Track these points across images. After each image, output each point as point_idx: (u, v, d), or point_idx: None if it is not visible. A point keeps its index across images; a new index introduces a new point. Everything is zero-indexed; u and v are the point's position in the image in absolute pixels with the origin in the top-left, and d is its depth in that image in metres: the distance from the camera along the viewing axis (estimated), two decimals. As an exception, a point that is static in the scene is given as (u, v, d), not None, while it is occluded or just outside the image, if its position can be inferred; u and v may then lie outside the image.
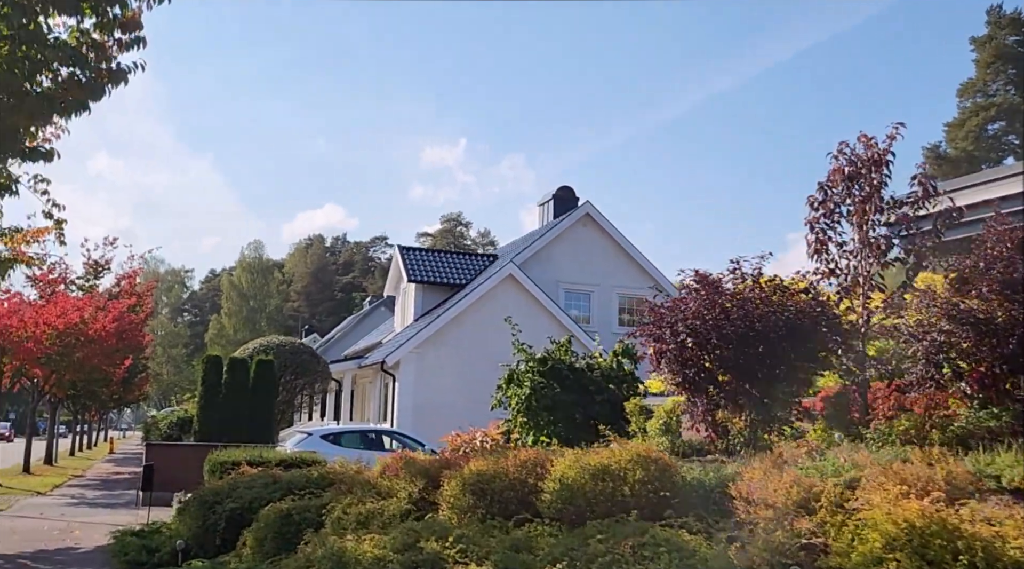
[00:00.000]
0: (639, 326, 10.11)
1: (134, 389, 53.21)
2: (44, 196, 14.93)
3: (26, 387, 33.31)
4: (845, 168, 9.02)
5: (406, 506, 8.12)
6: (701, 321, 9.21)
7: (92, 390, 40.59)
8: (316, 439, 20.48)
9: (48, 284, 31.42)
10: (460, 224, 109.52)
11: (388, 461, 12.19)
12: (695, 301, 9.33)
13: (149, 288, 41.60)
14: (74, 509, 19.68)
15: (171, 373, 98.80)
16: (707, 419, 9.37)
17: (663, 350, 9.61)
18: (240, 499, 10.44)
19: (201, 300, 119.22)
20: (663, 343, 9.52)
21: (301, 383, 30.54)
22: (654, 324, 9.72)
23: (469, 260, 36.10)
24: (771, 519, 5.37)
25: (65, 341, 26.62)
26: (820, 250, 9.26)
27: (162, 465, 19.31)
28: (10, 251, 15.81)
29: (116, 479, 30.40)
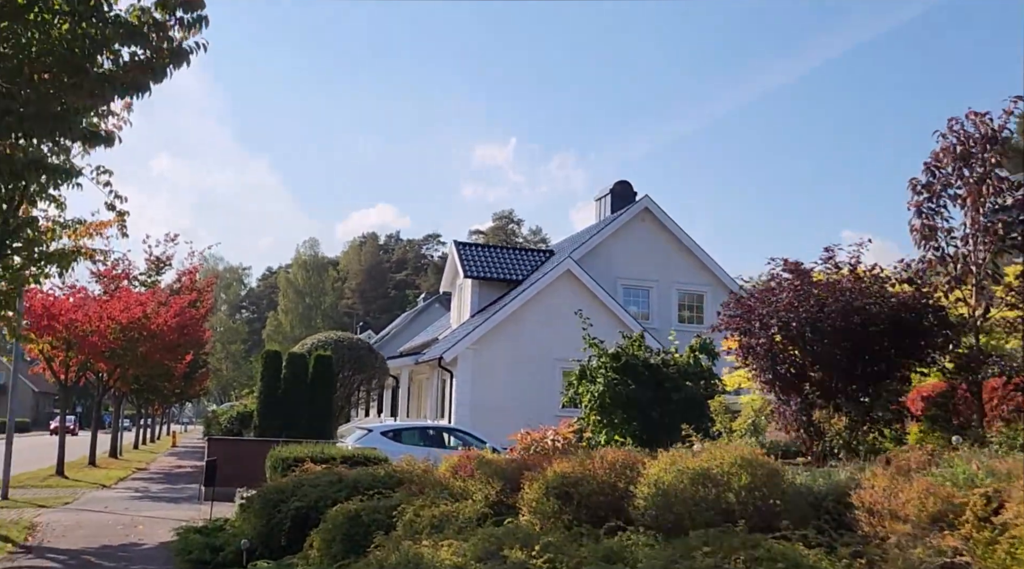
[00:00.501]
0: (723, 319, 9.50)
1: (195, 384, 53.89)
2: (106, 188, 14.80)
3: (91, 381, 33.71)
4: (956, 147, 8.30)
5: (482, 509, 7.64)
6: (794, 314, 8.58)
7: (155, 384, 41.06)
8: (376, 435, 20.19)
9: (112, 280, 31.74)
10: (512, 221, 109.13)
11: (455, 460, 11.76)
12: (788, 292, 8.69)
13: (209, 284, 41.91)
14: (138, 503, 19.66)
15: (230, 369, 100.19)
16: (800, 419, 8.73)
17: (751, 345, 8.99)
18: (305, 498, 10.09)
19: (258, 297, 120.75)
20: (752, 337, 8.91)
21: (359, 379, 30.36)
22: (742, 317, 9.11)
23: (525, 256, 35.60)
24: (907, 534, 4.76)
25: (128, 335, 26.75)
26: (928, 236, 8.56)
27: (224, 460, 19.18)
28: (73, 244, 15.71)
29: (179, 473, 30.58)
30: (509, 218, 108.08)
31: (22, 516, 16.09)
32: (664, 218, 31.44)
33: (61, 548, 12.38)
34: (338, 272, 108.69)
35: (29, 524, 14.72)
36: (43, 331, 24.35)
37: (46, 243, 15.03)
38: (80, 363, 27.39)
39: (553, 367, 28.13)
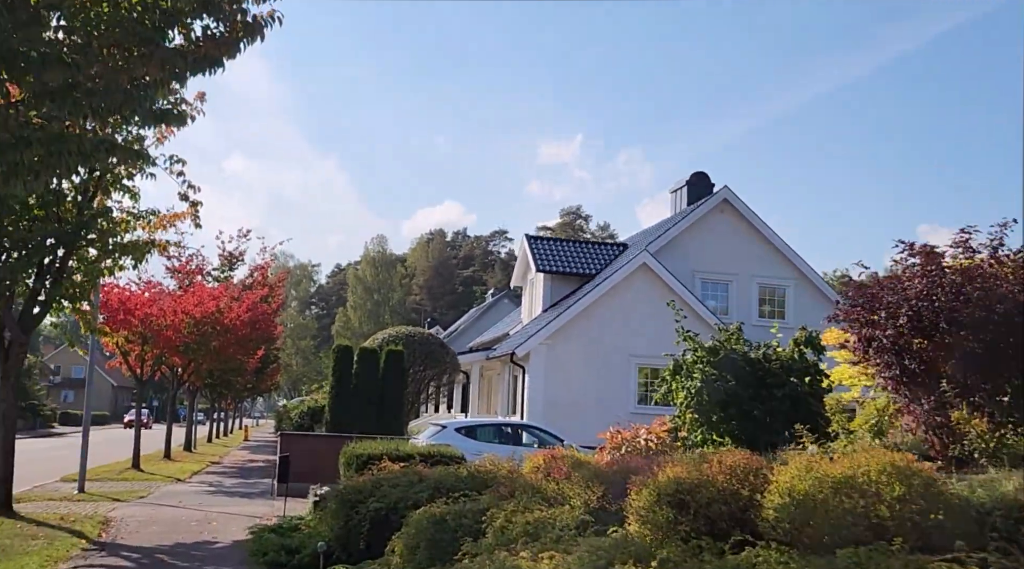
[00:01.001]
0: (843, 308, 8.61)
1: (266, 379, 54.39)
2: (180, 177, 14.58)
3: (166, 376, 34.02)
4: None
5: (581, 516, 6.93)
6: (927, 302, 7.66)
7: (227, 379, 41.39)
8: (450, 432, 19.64)
9: (186, 275, 31.91)
10: (579, 217, 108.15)
11: (540, 460, 11.09)
12: (921, 279, 7.77)
13: (280, 279, 42.10)
14: (211, 498, 19.47)
15: (300, 364, 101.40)
16: (934, 420, 7.80)
17: (874, 337, 8.09)
18: (384, 499, 9.51)
19: (327, 294, 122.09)
20: (876, 328, 8.01)
21: (429, 374, 29.95)
22: (863, 306, 8.21)
23: (597, 250, 34.71)
24: None
25: (202, 329, 26.77)
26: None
27: (296, 455, 18.87)
28: (147, 235, 15.52)
29: (251, 467, 30.58)
30: (577, 214, 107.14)
31: (97, 510, 15.95)
32: (744, 209, 30.24)
33: (134, 545, 12.07)
34: (406, 269, 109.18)
35: (103, 519, 14.52)
36: (119, 325, 24.44)
37: (120, 234, 14.81)
38: (155, 357, 27.52)
39: (628, 363, 27.31)
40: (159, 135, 15.01)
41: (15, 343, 14.08)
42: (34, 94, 7.38)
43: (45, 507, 16.20)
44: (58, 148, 7.45)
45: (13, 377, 14.14)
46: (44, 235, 13.52)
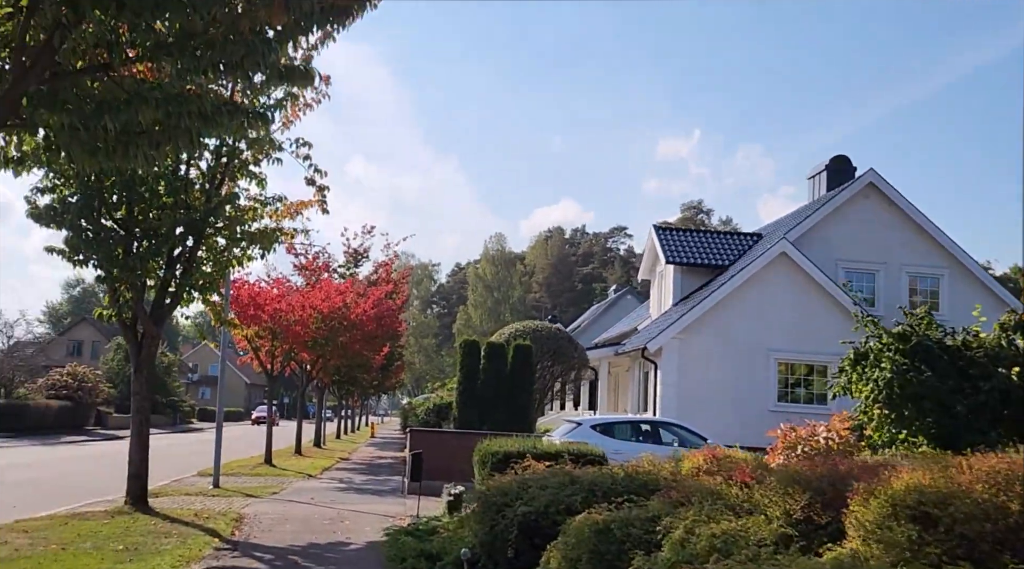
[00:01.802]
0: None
1: (391, 376, 54.71)
2: (306, 161, 14.05)
3: (296, 372, 34.28)
4: None
5: (782, 529, 5.76)
6: None
7: (354, 376, 41.58)
8: (586, 429, 18.60)
9: (313, 272, 31.95)
10: (701, 211, 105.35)
11: (699, 461, 9.93)
12: None
13: (404, 276, 42.02)
14: (342, 495, 19.05)
15: (423, 362, 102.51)
16: None
17: None
18: (533, 502, 8.53)
19: (448, 292, 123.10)
20: None
21: (558, 370, 29.02)
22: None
23: (730, 240, 32.97)
24: None
25: (329, 325, 26.62)
26: None
27: (427, 452, 18.23)
28: (274, 224, 15.10)
29: (380, 463, 30.36)
30: (698, 208, 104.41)
31: (231, 506, 15.65)
32: (892, 193, 27.96)
33: (267, 545, 11.53)
34: (525, 266, 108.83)
35: (237, 516, 14.15)
36: (249, 320, 24.49)
37: (248, 222, 14.41)
38: (285, 352, 27.57)
39: (767, 358, 25.67)
40: (284, 119, 14.53)
41: (147, 336, 13.88)
42: (148, 46, 6.74)
43: (181, 502, 16.03)
44: (176, 109, 6.81)
45: (146, 370, 13.95)
46: (173, 223, 13.23)
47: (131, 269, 12.98)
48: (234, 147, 14.02)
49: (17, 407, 38.48)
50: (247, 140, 14.03)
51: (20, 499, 16.22)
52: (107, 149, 7.57)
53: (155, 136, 7.49)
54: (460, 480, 19.52)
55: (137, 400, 14.00)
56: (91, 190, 12.88)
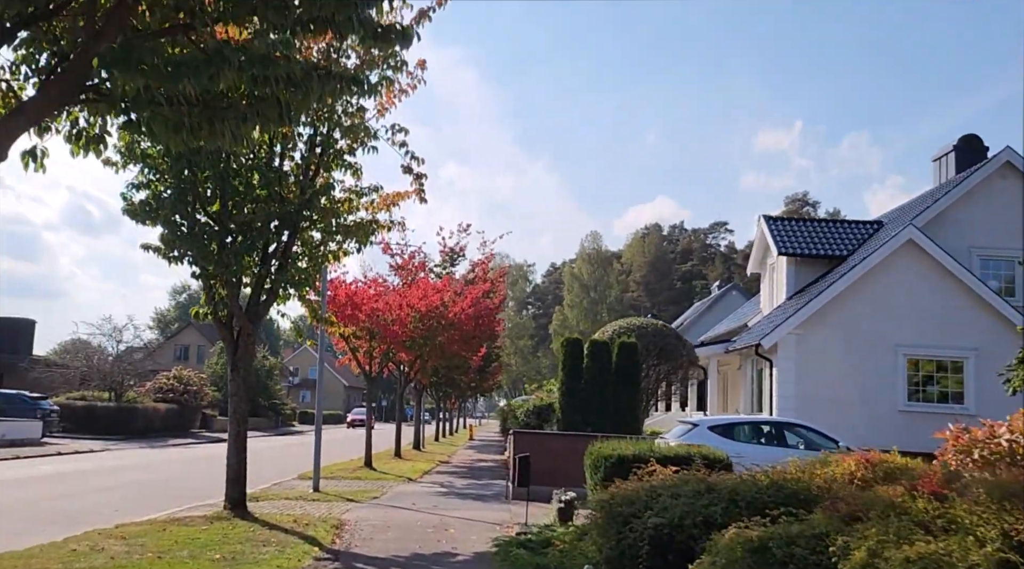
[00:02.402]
0: None
1: (488, 378, 54.13)
2: (403, 148, 13.33)
3: (394, 374, 33.92)
4: None
5: (1001, 554, 4.57)
6: None
7: (452, 377, 41.11)
8: (703, 431, 17.35)
9: (409, 272, 31.46)
10: (807, 204, 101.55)
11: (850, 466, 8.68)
12: None
13: (501, 274, 41.34)
14: (444, 500, 18.30)
15: (519, 364, 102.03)
16: None
17: None
18: (665, 513, 7.48)
19: (543, 293, 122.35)
20: None
21: (664, 369, 27.70)
22: None
23: (847, 228, 30.96)
24: None
25: (427, 324, 26.03)
26: None
27: (532, 456, 17.34)
28: (370, 216, 14.40)
29: (480, 467, 29.64)
30: (804, 201, 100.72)
31: (331, 512, 15.05)
32: (1034, 172, 25.68)
33: (369, 555, 10.77)
34: (622, 265, 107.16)
35: (337, 522, 13.49)
36: (347, 320, 24.06)
37: (343, 215, 13.75)
38: (383, 353, 27.10)
39: (894, 354, 23.83)
40: (379, 106, 13.85)
41: (243, 334, 13.35)
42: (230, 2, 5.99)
43: (280, 507, 15.52)
44: (262, 72, 6.02)
45: (243, 370, 13.43)
46: (267, 217, 12.66)
47: (225, 265, 12.46)
48: (328, 136, 13.41)
49: (126, 410, 39.31)
50: (341, 128, 13.40)
51: (124, 502, 16.01)
52: (191, 126, 6.88)
53: (241, 109, 6.76)
54: (567, 485, 18.55)
55: (235, 402, 13.49)
56: (185, 184, 12.43)
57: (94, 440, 35.09)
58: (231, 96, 7.03)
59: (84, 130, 6.92)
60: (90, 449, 30.81)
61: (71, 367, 41.27)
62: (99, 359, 41.31)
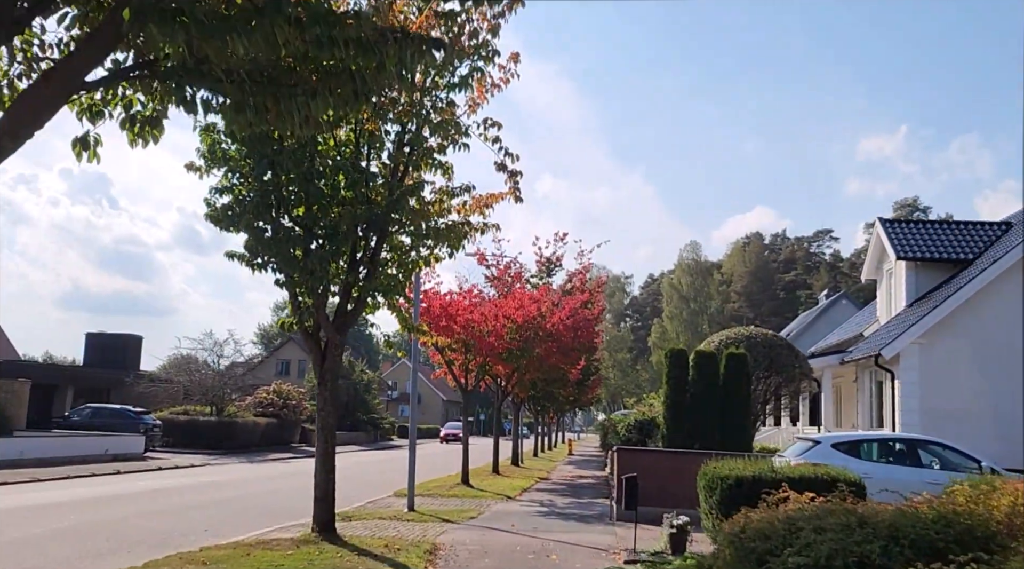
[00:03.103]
0: None
1: (587, 391, 52.87)
2: (496, 144, 12.41)
3: (491, 388, 33.15)
4: None
5: None
6: None
7: (550, 391, 40.10)
8: (826, 449, 15.81)
9: (505, 283, 30.65)
10: (917, 209, 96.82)
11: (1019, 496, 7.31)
12: None
13: (599, 285, 40.13)
14: (545, 521, 17.26)
15: (618, 377, 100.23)
16: None
17: None
18: (809, 552, 6.25)
19: (641, 305, 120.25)
20: None
21: (776, 381, 26.01)
22: None
23: (971, 230, 28.64)
24: None
25: (524, 335, 25.10)
26: None
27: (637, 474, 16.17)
28: (462, 218, 13.53)
29: (581, 484, 28.46)
30: (914, 206, 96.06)
31: (425, 534, 14.20)
32: None
33: (463, 585, 9.83)
34: (722, 275, 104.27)
35: (431, 546, 12.61)
36: (441, 332, 23.36)
37: (433, 217, 12.93)
38: (479, 366, 26.27)
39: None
40: (470, 101, 13.01)
41: (331, 344, 12.65)
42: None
43: (372, 528, 14.76)
44: (326, 32, 5.15)
45: (331, 382, 12.70)
46: (353, 220, 11.91)
47: (310, 272, 11.77)
48: (417, 134, 12.62)
49: (227, 425, 39.64)
50: (430, 125, 12.61)
51: (215, 521, 15.54)
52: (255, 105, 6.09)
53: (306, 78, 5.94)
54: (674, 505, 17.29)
55: (322, 416, 12.76)
56: (268, 186, 11.81)
57: (195, 454, 35.41)
58: (299, 70, 6.24)
59: (138, 114, 6.20)
60: (190, 464, 30.97)
61: (174, 382, 41.95)
62: (201, 373, 41.85)
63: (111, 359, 49.03)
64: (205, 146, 12.01)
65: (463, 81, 12.26)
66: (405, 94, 12.23)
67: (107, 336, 52.85)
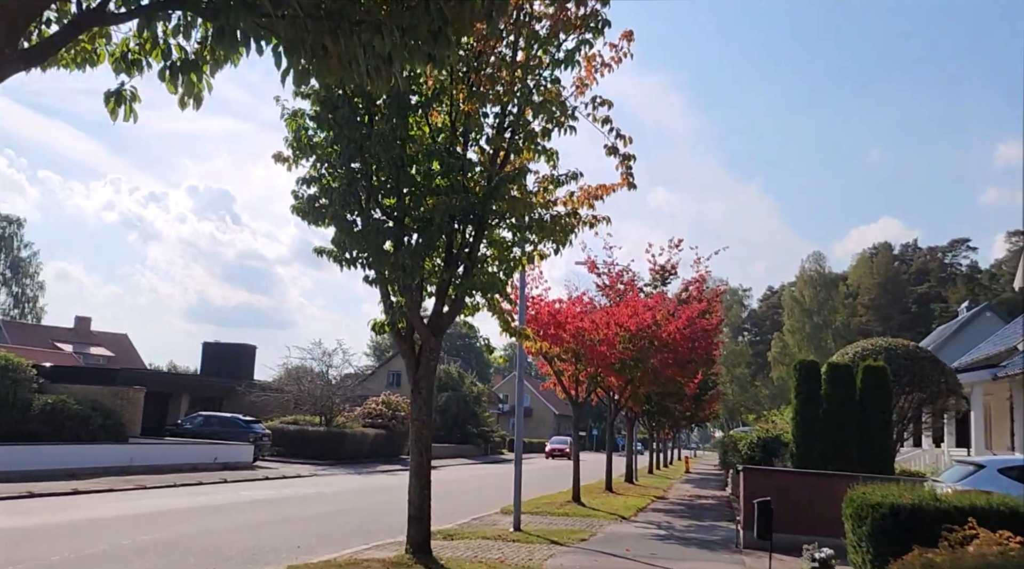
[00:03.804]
0: None
1: (705, 406, 50.64)
2: (606, 126, 11.10)
3: (603, 401, 31.68)
4: None
5: None
6: None
7: (665, 405, 38.28)
8: (992, 474, 13.80)
9: (617, 292, 29.12)
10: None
11: None
12: None
13: (717, 294, 38.04)
14: (664, 546, 15.72)
15: (736, 393, 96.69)
16: None
17: None
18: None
19: (760, 318, 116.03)
20: None
21: (919, 397, 23.62)
22: None
23: None
24: None
25: (638, 345, 23.57)
26: None
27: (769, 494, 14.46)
28: (569, 210, 12.23)
29: (701, 505, 26.62)
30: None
31: (531, 559, 12.93)
32: None
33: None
34: (847, 287, 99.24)
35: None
36: (550, 340, 22.11)
37: (536, 207, 11.70)
38: (589, 376, 24.85)
39: None
40: (578, 81, 11.75)
41: (425, 348, 11.55)
42: None
43: (475, 549, 13.58)
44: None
45: (425, 389, 11.58)
46: (449, 211, 10.77)
47: (402, 267, 10.71)
48: (519, 116, 11.42)
49: (336, 435, 39.39)
50: (533, 107, 11.39)
51: (310, 536, 14.68)
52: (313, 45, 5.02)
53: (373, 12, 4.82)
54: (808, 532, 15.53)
55: (416, 427, 11.64)
56: (356, 174, 10.82)
57: (303, 464, 35.19)
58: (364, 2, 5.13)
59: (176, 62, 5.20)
60: (297, 474, 30.63)
61: (284, 391, 42.09)
62: (311, 383, 41.83)
63: (226, 368, 49.86)
64: (291, 132, 11.14)
65: (569, 56, 11.04)
66: (505, 71, 11.08)
67: (223, 346, 53.88)
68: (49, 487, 19.62)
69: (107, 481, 22.05)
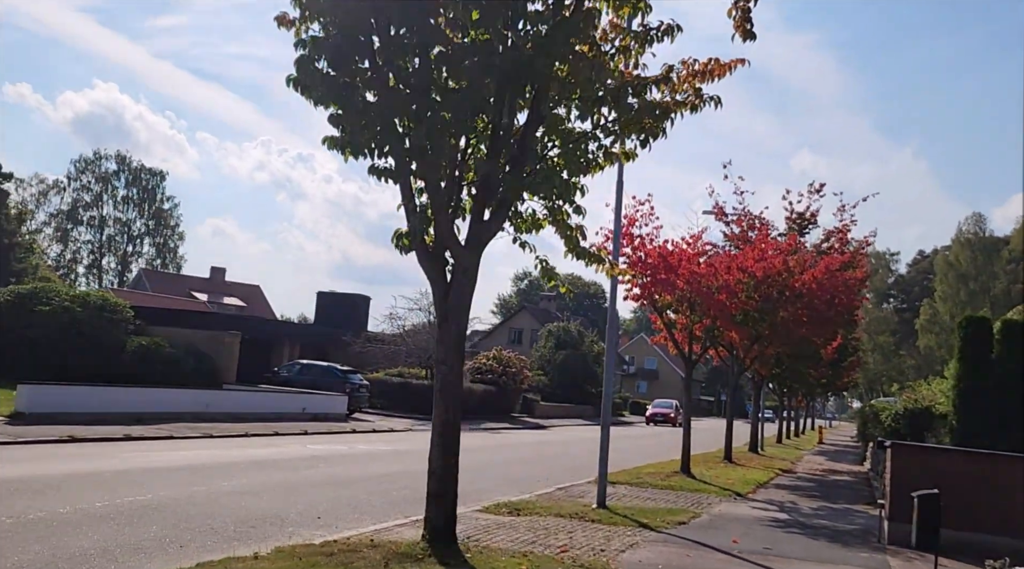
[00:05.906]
0: None
1: (843, 374, 46.03)
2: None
3: (725, 361, 28.17)
4: None
5: None
6: None
7: (798, 369, 34.29)
8: None
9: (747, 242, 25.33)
10: None
11: None
12: None
13: (863, 245, 33.47)
14: (783, 535, 12.51)
15: (878, 362, 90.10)
16: None
17: None
18: None
19: (908, 285, 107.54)
20: None
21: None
22: None
23: None
24: None
25: (765, 294, 20.02)
26: None
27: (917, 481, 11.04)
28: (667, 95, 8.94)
29: (834, 482, 22.93)
30: None
31: (606, 546, 10.06)
32: None
33: None
34: (1010, 253, 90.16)
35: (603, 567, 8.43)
36: (660, 286, 18.91)
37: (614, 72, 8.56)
38: (705, 329, 21.42)
39: None
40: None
41: (458, 268, 8.62)
42: None
43: (533, 533, 10.77)
44: None
45: (457, 324, 8.68)
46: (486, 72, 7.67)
47: (421, 151, 7.87)
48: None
49: (440, 389, 37.29)
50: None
51: (341, 504, 12.24)
52: None
53: None
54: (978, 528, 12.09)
55: (442, 372, 8.75)
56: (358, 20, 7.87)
57: (402, 418, 33.28)
58: None
59: None
60: (390, 428, 28.65)
61: (387, 342, 40.34)
62: (416, 335, 39.89)
63: (340, 318, 48.76)
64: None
65: None
66: None
67: (337, 296, 52.89)
68: (98, 432, 17.99)
69: (170, 427, 20.42)
